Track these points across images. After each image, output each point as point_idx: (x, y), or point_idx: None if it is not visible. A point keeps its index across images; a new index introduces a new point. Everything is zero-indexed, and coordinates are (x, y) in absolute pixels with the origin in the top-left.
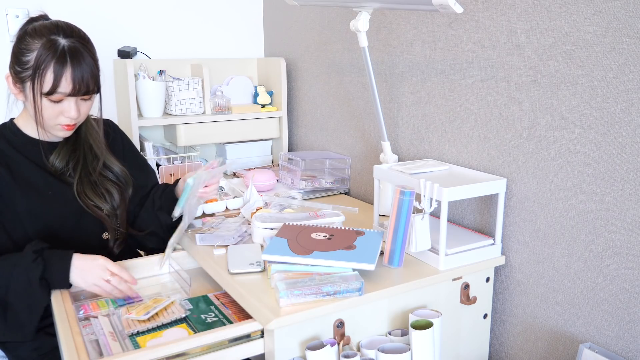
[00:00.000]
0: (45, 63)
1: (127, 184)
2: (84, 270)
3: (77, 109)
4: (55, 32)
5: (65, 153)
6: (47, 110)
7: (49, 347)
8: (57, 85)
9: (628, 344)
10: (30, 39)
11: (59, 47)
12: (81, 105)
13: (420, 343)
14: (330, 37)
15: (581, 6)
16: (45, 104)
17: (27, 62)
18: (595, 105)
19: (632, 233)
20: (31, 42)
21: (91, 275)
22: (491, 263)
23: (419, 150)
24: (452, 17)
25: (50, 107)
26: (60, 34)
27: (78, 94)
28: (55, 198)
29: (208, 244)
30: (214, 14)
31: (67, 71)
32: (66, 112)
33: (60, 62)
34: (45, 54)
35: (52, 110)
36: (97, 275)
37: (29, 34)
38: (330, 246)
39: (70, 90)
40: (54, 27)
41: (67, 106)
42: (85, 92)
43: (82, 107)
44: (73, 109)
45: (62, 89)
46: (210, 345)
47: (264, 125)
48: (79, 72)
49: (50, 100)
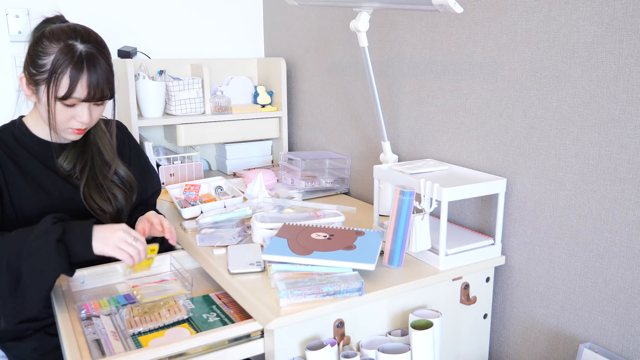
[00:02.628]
0: (62, 68)
1: (133, 189)
2: (106, 235)
3: (90, 114)
4: (73, 36)
5: (74, 155)
6: (60, 114)
7: (49, 347)
8: (72, 91)
9: (628, 344)
10: (48, 42)
11: (77, 52)
12: (93, 110)
13: (420, 343)
14: (330, 37)
15: (581, 6)
16: (59, 108)
17: (43, 66)
18: (595, 105)
19: (632, 233)
20: (48, 45)
21: (115, 238)
22: (491, 263)
23: (419, 150)
24: (452, 17)
25: (63, 111)
26: (78, 39)
27: (92, 100)
28: (62, 199)
29: (208, 245)
30: (214, 14)
31: (83, 77)
32: (78, 117)
33: (77, 67)
34: (63, 59)
35: (65, 114)
36: (121, 238)
37: (46, 37)
38: (330, 246)
39: (85, 96)
40: (72, 32)
41: (79, 111)
42: (100, 98)
43: (94, 112)
44: (85, 114)
45: (77, 94)
46: (210, 345)
47: (264, 125)
48: (95, 78)
49: (64, 104)
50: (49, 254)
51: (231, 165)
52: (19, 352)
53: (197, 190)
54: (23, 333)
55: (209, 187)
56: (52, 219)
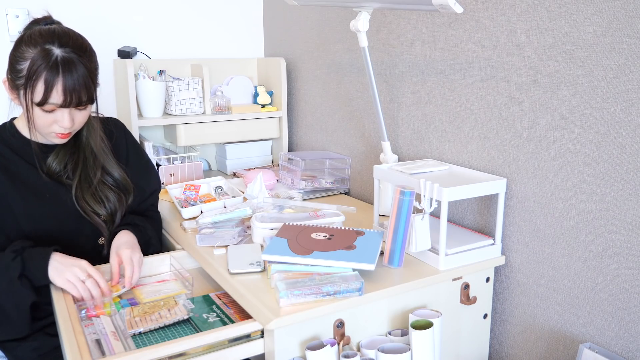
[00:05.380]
0: (37, 73)
1: (127, 191)
2: (62, 265)
3: (71, 118)
4: (50, 40)
5: (63, 155)
6: (40, 119)
7: (49, 347)
8: (47, 96)
9: (628, 344)
10: (25, 47)
11: (52, 57)
12: (75, 114)
13: (420, 343)
14: (330, 37)
15: (581, 6)
16: (38, 113)
17: (20, 71)
18: (595, 105)
19: (632, 233)
20: (26, 50)
21: (68, 272)
22: (491, 263)
23: (419, 150)
24: (452, 17)
25: (43, 116)
26: (56, 43)
27: (70, 105)
28: (53, 201)
29: (208, 245)
30: (214, 14)
31: (58, 82)
32: (59, 122)
33: (51, 72)
34: (38, 64)
35: (45, 119)
36: (73, 273)
37: (24, 42)
38: (330, 246)
39: (62, 102)
40: (50, 35)
41: (60, 116)
42: (78, 104)
43: (77, 116)
44: (66, 119)
45: (53, 100)
46: (210, 345)
47: (264, 125)
48: (71, 83)
49: (43, 110)
50: (16, 289)
51: (231, 165)
52: (19, 352)
53: (197, 190)
54: None
55: (209, 187)
56: (11, 254)
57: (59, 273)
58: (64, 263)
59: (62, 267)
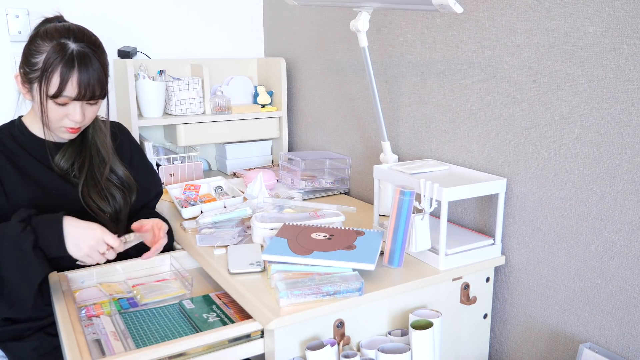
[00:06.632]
0: (53, 66)
1: (131, 189)
2: (79, 239)
3: (82, 112)
4: (66, 35)
5: (71, 154)
6: (52, 112)
7: (49, 347)
8: (62, 89)
9: (628, 344)
10: (41, 41)
11: (68, 50)
12: (87, 109)
13: (420, 343)
14: (330, 37)
15: (581, 6)
16: (51, 106)
17: (35, 64)
18: (595, 105)
19: (632, 233)
20: (41, 44)
21: (87, 246)
22: (491, 263)
23: (419, 150)
24: (452, 17)
25: (55, 109)
26: (71, 38)
27: (83, 99)
28: (59, 198)
29: (208, 245)
30: (214, 14)
31: (73, 75)
32: (71, 116)
33: (67, 66)
34: (54, 57)
35: (58, 112)
36: (93, 247)
37: (40, 36)
38: (330, 246)
39: (76, 95)
40: (65, 31)
41: (72, 110)
42: (91, 97)
43: (88, 111)
44: (78, 113)
45: (67, 93)
46: (210, 345)
47: (264, 125)
48: (86, 77)
49: (56, 103)
50: (29, 262)
51: (231, 165)
52: (19, 352)
53: (197, 190)
54: (23, 333)
55: (209, 187)
56: (19, 225)
57: (77, 246)
58: (81, 235)
59: (80, 240)
